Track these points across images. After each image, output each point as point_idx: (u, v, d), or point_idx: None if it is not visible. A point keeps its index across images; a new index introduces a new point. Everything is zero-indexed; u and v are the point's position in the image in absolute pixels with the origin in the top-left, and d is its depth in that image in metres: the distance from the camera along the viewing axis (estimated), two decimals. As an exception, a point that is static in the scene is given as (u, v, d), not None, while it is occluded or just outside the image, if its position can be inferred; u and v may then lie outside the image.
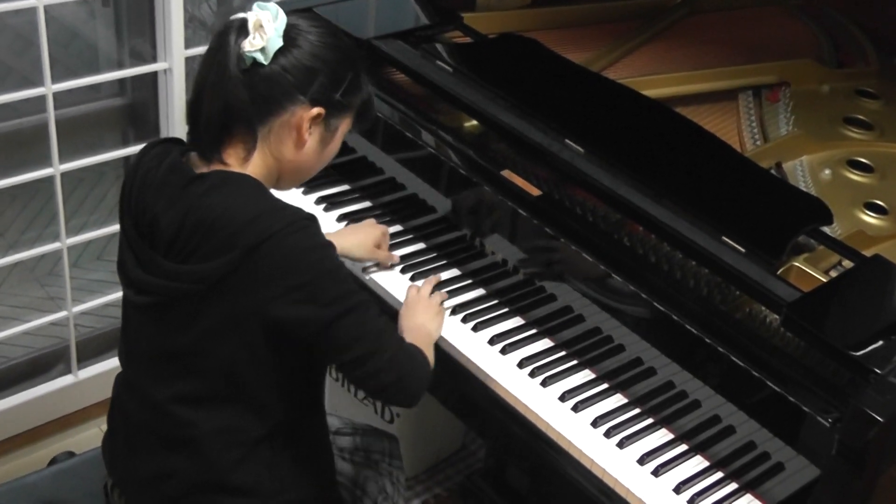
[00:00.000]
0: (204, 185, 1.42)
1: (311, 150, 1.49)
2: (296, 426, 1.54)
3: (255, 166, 1.46)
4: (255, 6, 1.44)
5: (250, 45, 1.40)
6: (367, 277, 1.87)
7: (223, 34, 1.42)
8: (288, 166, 1.50)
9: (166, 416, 1.48)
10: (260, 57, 1.40)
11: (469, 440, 2.63)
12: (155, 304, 1.45)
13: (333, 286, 1.41)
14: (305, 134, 1.46)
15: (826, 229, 1.71)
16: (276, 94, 1.43)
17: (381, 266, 1.88)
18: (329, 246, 1.42)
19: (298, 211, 1.41)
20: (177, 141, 1.54)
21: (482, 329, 1.77)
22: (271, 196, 1.44)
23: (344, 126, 1.53)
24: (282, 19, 1.42)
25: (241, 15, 1.43)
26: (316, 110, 1.45)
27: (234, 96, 1.41)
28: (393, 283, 1.85)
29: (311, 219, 1.42)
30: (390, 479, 1.77)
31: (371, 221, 1.91)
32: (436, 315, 1.73)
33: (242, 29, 1.41)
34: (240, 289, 1.38)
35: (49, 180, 2.28)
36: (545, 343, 1.76)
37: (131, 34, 2.39)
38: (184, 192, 1.43)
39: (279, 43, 1.41)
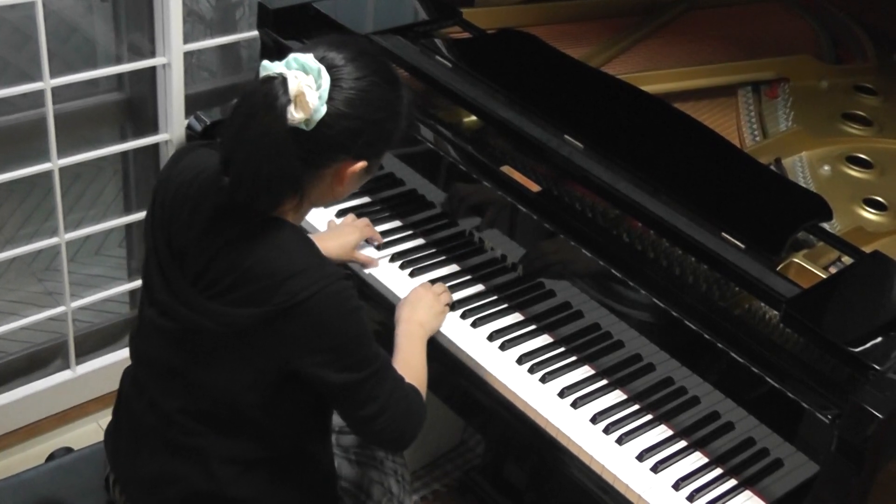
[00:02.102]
0: (240, 226, 1.40)
1: (347, 188, 1.48)
2: (301, 450, 1.54)
3: (292, 209, 1.44)
4: (292, 60, 1.34)
5: (292, 117, 1.32)
6: (367, 273, 1.86)
7: (267, 97, 1.32)
8: (322, 201, 1.49)
9: (173, 423, 1.48)
10: (303, 126, 1.34)
11: (467, 436, 2.63)
12: (176, 330, 1.44)
13: (358, 351, 1.42)
14: (347, 184, 1.45)
15: (825, 225, 1.71)
16: (320, 156, 1.39)
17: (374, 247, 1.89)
18: (360, 309, 1.42)
19: (337, 271, 1.40)
20: (207, 145, 1.51)
21: (481, 325, 1.77)
22: (310, 249, 1.42)
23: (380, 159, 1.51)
24: (325, 85, 1.34)
25: (278, 70, 1.33)
26: (360, 165, 1.43)
27: (283, 160, 1.34)
28: (392, 278, 1.85)
29: (349, 277, 1.41)
30: (395, 476, 1.77)
31: (350, 220, 1.91)
32: (438, 314, 1.74)
33: (284, 89, 1.32)
34: (265, 341, 1.38)
35: (47, 175, 2.27)
36: (544, 339, 1.76)
37: (130, 29, 2.38)
38: (216, 225, 1.41)
39: (323, 111, 1.34)
